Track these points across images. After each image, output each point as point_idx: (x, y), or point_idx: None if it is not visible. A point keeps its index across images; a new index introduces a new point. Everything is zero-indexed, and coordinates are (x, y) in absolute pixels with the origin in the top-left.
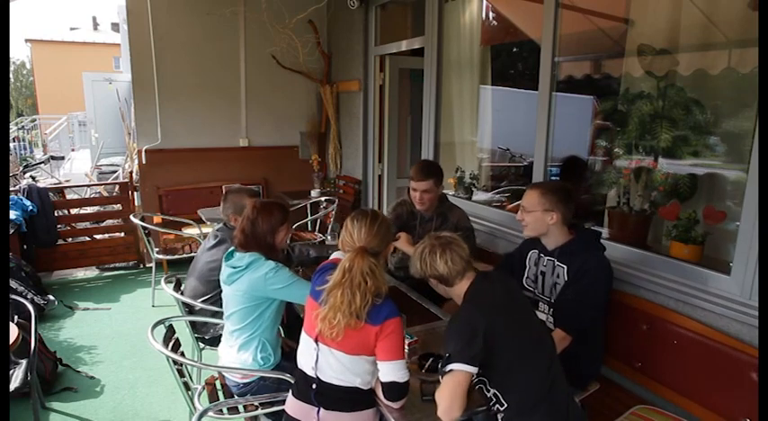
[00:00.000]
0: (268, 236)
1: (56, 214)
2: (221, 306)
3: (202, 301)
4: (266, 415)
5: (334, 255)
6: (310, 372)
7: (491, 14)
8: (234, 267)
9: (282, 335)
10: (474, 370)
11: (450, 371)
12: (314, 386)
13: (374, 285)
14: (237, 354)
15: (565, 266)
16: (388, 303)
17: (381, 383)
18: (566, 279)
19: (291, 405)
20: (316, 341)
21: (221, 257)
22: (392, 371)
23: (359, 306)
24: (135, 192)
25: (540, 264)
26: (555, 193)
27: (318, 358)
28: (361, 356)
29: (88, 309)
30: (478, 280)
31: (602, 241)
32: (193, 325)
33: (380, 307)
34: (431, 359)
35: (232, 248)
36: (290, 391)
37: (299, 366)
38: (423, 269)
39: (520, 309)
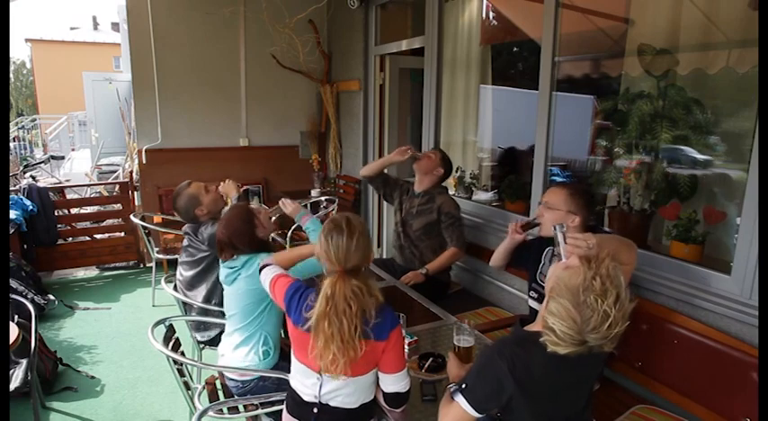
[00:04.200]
0: (248, 235)
1: (56, 214)
2: (221, 304)
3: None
4: (266, 414)
5: None
6: (311, 399)
7: (491, 14)
8: (230, 268)
9: (283, 335)
10: (478, 416)
11: (456, 400)
12: (315, 410)
13: (360, 308)
14: (238, 349)
15: None
16: (388, 312)
17: (384, 393)
18: None
19: None
20: (319, 372)
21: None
22: (395, 381)
23: (347, 333)
24: (135, 192)
25: (554, 262)
26: (582, 197)
27: (322, 387)
28: (368, 373)
29: (88, 308)
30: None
31: None
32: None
33: (379, 319)
34: (431, 359)
35: None
36: (285, 405)
37: (294, 389)
38: (563, 296)
39: (574, 386)
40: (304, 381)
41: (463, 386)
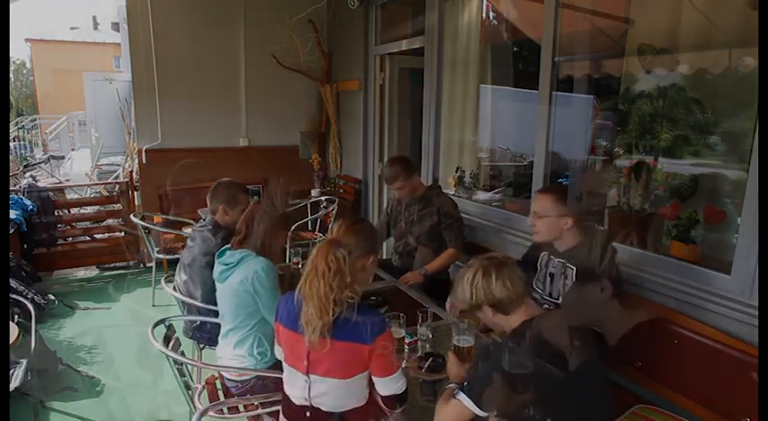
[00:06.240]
0: (267, 236)
1: (56, 214)
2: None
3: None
4: (267, 414)
5: None
6: (303, 402)
7: (491, 14)
8: (226, 264)
9: None
10: (482, 414)
11: (458, 398)
12: (308, 414)
13: (338, 275)
14: (234, 351)
15: (574, 268)
16: (374, 316)
17: (381, 396)
18: (573, 280)
19: None
20: (306, 374)
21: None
22: (390, 384)
23: (322, 295)
24: (135, 192)
25: (550, 266)
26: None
27: (311, 389)
28: (356, 376)
29: (88, 308)
30: (536, 321)
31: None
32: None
33: (365, 321)
34: (431, 359)
35: (226, 246)
36: (281, 410)
37: (287, 394)
38: (476, 297)
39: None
40: (294, 385)
41: (465, 384)
